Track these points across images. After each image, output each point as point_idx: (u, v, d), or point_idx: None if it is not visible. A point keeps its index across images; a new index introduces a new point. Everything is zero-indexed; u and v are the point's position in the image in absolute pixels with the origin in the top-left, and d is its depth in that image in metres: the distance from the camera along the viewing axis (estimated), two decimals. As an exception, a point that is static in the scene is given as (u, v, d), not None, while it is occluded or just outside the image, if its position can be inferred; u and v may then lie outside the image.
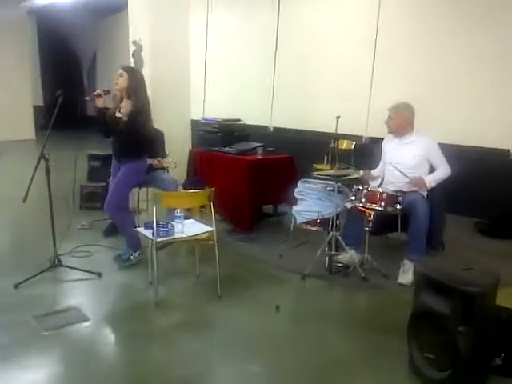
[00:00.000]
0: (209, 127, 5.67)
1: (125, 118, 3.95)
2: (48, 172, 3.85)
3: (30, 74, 13.43)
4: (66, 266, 3.95)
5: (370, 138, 7.04)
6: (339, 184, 4.07)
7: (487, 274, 2.42)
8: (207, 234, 3.59)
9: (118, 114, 4.04)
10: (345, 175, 4.03)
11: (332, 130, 7.22)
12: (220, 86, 9.27)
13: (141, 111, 3.92)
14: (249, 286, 3.91)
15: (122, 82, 3.98)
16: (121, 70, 4.03)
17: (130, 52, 7.55)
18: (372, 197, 3.85)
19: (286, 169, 5.32)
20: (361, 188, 3.96)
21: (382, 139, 4.64)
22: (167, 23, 7.19)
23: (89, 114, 17.13)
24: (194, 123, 8.38)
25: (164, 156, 4.99)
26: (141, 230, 3.63)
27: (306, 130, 7.90)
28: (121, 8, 12.79)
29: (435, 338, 2.48)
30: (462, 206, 5.28)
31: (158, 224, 3.45)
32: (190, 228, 3.61)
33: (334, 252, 4.04)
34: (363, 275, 3.89)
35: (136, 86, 3.98)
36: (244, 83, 8.84)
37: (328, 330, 3.25)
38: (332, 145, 6.89)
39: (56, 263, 3.92)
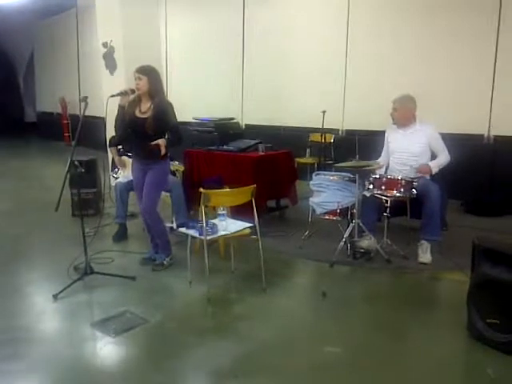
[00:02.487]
0: (204, 127, 5.73)
1: (150, 120, 3.92)
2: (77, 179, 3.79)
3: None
4: (99, 273, 3.89)
5: (346, 130, 7.39)
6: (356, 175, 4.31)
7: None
8: (248, 230, 3.70)
9: (138, 114, 4.01)
10: (364, 166, 4.27)
11: (305, 125, 7.60)
12: (187, 84, 9.28)
13: (166, 110, 3.93)
14: (284, 276, 4.08)
15: (142, 85, 3.92)
16: (138, 74, 3.92)
17: (101, 54, 7.39)
18: (392, 184, 4.14)
19: (287, 163, 5.51)
20: (378, 177, 4.23)
21: (357, 131, 4.82)
22: (138, 23, 7.11)
23: (27, 121, 16.41)
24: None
25: None
26: (183, 230, 3.68)
27: (278, 126, 8.14)
28: (62, 8, 12.36)
29: (499, 304, 2.77)
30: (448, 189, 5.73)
31: (199, 222, 3.55)
32: (230, 225, 3.70)
33: (355, 239, 4.28)
34: (387, 258, 4.17)
35: (157, 87, 3.97)
36: (212, 81, 8.93)
37: (376, 309, 3.50)
38: (312, 138, 7.23)
39: (88, 271, 3.86)
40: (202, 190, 3.59)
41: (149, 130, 3.84)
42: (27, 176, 8.80)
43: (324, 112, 6.30)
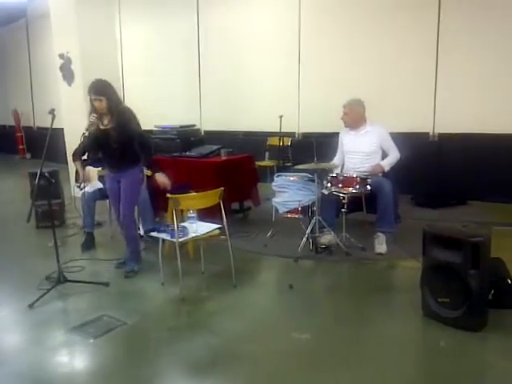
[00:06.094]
0: (166, 134, 5.89)
1: (112, 131, 4.07)
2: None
3: None
4: (72, 281, 3.99)
5: (302, 133, 7.71)
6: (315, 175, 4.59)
7: (482, 228, 3.09)
8: (218, 231, 3.91)
9: (102, 127, 4.14)
10: (323, 167, 4.55)
11: (263, 129, 7.86)
12: (144, 92, 9.36)
13: (127, 119, 4.08)
14: (252, 273, 4.32)
15: (103, 106, 4.02)
16: (95, 96, 4.00)
17: (58, 65, 7.41)
18: (348, 182, 4.44)
19: (248, 167, 5.74)
20: (335, 175, 4.53)
21: (313, 134, 5.08)
22: (95, 33, 7.17)
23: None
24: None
25: None
26: (155, 234, 3.84)
27: (237, 131, 8.37)
28: (11, 20, 12.17)
29: (448, 284, 3.09)
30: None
31: (169, 226, 3.74)
32: (199, 227, 3.89)
33: (317, 234, 4.55)
34: (346, 251, 4.47)
35: (116, 102, 4.09)
36: (169, 88, 9.06)
37: (339, 297, 3.78)
38: (270, 142, 7.50)
39: (61, 279, 3.95)
40: (169, 195, 3.79)
41: (112, 141, 4.01)
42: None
43: (281, 117, 6.57)
